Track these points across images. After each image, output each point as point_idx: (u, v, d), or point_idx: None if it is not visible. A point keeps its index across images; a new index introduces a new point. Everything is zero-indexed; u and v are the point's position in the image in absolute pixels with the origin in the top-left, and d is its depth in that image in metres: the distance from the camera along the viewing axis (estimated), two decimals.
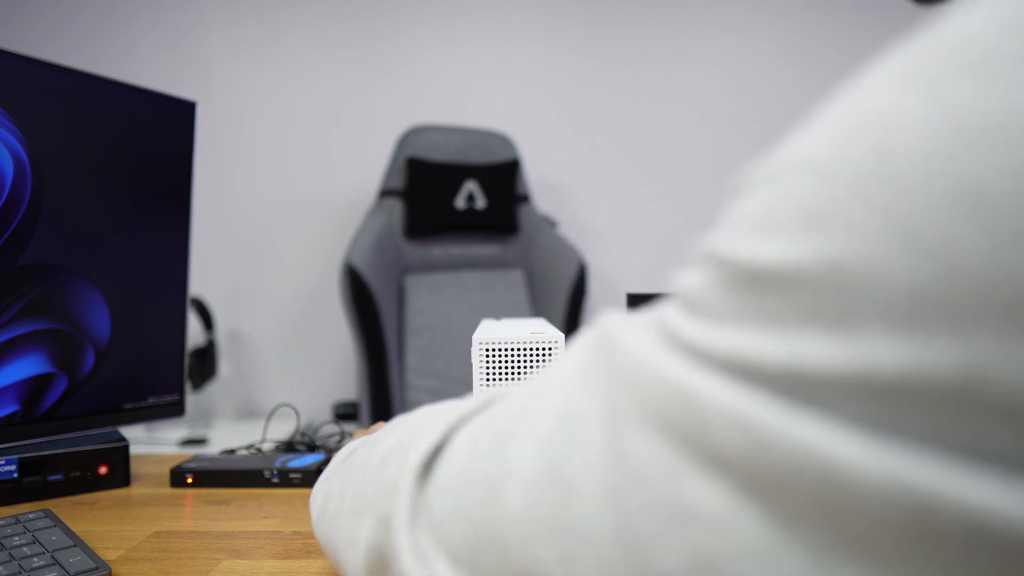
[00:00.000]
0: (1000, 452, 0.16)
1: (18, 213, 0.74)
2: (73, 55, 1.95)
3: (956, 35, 0.18)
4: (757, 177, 0.22)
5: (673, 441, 0.21)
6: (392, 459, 0.31)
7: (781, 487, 0.18)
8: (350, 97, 2.03)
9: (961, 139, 0.17)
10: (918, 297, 0.17)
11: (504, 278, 1.80)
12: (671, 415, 0.21)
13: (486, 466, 0.26)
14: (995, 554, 0.16)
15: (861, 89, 0.21)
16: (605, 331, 0.26)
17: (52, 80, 0.77)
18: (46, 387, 0.78)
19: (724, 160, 2.07)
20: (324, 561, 0.60)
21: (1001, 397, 0.16)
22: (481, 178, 1.75)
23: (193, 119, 0.92)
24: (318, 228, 2.03)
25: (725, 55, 2.06)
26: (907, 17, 2.06)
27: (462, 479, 0.27)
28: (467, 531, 0.26)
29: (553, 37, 2.05)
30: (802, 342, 0.18)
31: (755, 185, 0.22)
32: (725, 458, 0.19)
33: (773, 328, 0.19)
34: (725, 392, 0.20)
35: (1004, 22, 0.18)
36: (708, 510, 0.19)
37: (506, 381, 0.60)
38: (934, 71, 0.18)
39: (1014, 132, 0.16)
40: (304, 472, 0.82)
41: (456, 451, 0.28)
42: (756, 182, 0.22)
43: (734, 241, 0.21)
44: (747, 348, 0.20)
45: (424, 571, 0.27)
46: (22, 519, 0.60)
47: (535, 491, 0.24)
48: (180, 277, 0.92)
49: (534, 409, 0.26)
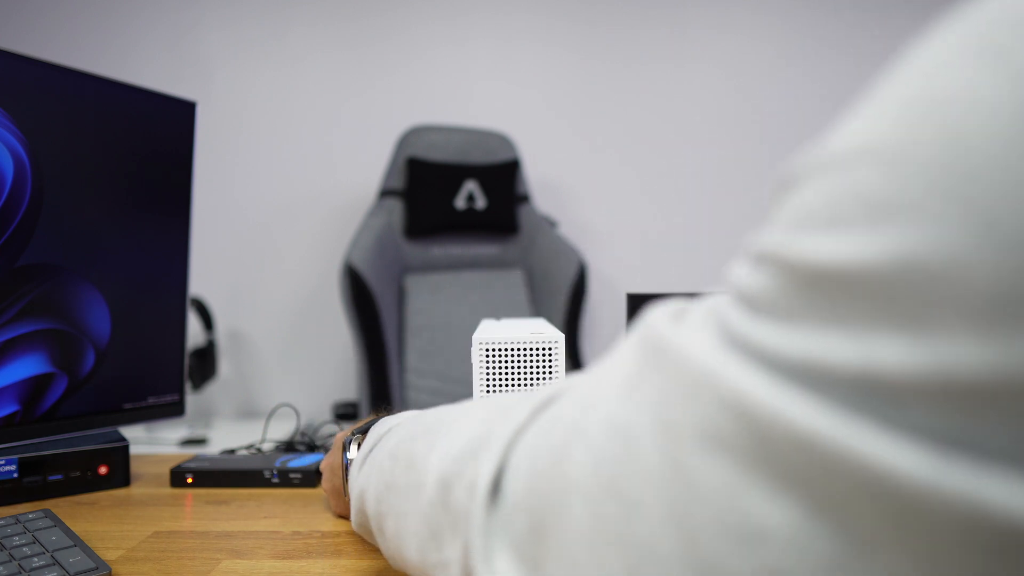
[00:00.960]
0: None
1: (18, 213, 0.74)
2: (73, 55, 1.95)
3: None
4: (808, 167, 0.21)
5: (736, 459, 0.20)
6: (455, 483, 0.32)
7: (854, 506, 0.17)
8: (350, 97, 2.03)
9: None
10: (1002, 294, 0.15)
11: (504, 278, 1.80)
12: (733, 432, 0.20)
13: (549, 484, 0.26)
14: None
15: (921, 66, 0.19)
16: (653, 332, 0.24)
17: (52, 80, 0.77)
18: (46, 387, 0.78)
19: (724, 160, 2.07)
20: (324, 561, 0.60)
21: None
22: (481, 178, 1.75)
23: (193, 119, 0.92)
24: (318, 228, 2.03)
25: (725, 55, 2.06)
26: (907, 17, 2.06)
27: (530, 497, 0.27)
28: (541, 548, 0.26)
29: (553, 37, 2.05)
30: (876, 345, 0.17)
31: (807, 176, 0.21)
32: (793, 476, 0.18)
33: (844, 330, 0.18)
34: (793, 406, 0.18)
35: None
36: (778, 529, 0.19)
37: (506, 381, 0.60)
38: (1004, 43, 0.17)
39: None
40: (304, 472, 0.82)
41: (518, 470, 0.28)
42: (808, 172, 0.21)
43: (793, 238, 0.20)
44: (818, 351, 0.18)
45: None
46: (22, 519, 0.60)
47: (598, 508, 0.23)
48: (180, 277, 0.92)
49: (585, 423, 0.25)
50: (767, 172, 2.07)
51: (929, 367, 0.16)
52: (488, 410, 0.34)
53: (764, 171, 2.07)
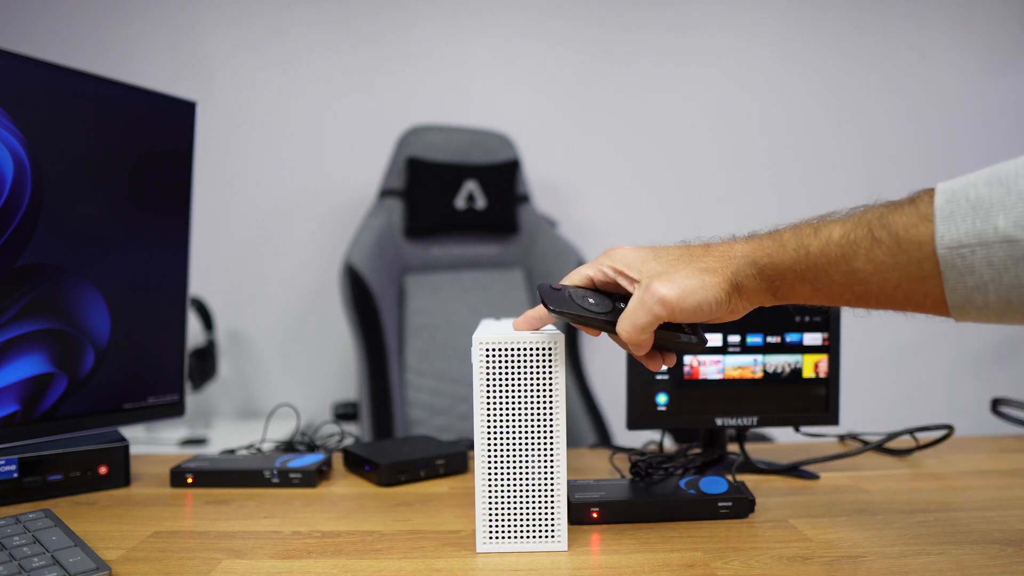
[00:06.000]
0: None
1: (18, 213, 0.74)
2: (73, 55, 1.94)
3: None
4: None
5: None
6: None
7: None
8: (350, 97, 2.03)
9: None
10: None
11: (504, 278, 1.80)
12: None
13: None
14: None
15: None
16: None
17: (52, 80, 0.77)
18: (46, 387, 0.78)
19: (724, 160, 2.07)
20: (324, 561, 0.60)
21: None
22: (481, 178, 1.75)
23: (193, 119, 0.92)
24: (318, 228, 2.03)
25: (725, 54, 2.06)
26: (907, 17, 2.06)
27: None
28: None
29: (553, 37, 2.05)
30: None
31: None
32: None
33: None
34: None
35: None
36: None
37: (506, 381, 0.60)
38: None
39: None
40: (304, 472, 0.82)
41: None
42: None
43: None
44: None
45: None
46: (22, 519, 0.61)
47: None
48: (180, 277, 0.92)
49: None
50: (767, 171, 2.07)
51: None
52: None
53: (764, 170, 2.07)
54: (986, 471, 0.87)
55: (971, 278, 0.46)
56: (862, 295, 0.52)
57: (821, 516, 0.71)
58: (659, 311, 0.56)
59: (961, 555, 0.61)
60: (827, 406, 0.88)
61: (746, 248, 0.57)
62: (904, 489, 0.80)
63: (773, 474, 0.87)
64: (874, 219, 0.50)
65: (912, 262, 0.48)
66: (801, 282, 0.54)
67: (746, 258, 0.56)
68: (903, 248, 0.48)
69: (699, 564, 0.59)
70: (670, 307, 0.56)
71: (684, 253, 0.59)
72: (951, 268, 0.46)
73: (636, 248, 0.61)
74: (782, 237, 0.55)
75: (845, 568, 0.58)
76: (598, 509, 0.68)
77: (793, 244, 0.54)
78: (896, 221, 0.48)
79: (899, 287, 0.49)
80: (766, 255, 0.55)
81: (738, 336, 0.87)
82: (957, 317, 0.48)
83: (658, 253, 0.59)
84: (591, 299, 0.60)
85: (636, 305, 0.57)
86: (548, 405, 0.60)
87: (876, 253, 0.49)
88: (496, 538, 0.61)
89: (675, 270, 0.57)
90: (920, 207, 0.48)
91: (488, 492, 0.61)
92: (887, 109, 2.08)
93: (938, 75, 2.08)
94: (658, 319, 0.56)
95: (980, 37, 2.08)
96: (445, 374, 1.65)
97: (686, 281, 0.56)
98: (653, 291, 0.56)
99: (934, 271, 0.47)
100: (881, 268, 0.49)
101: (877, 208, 0.51)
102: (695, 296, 0.56)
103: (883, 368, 2.09)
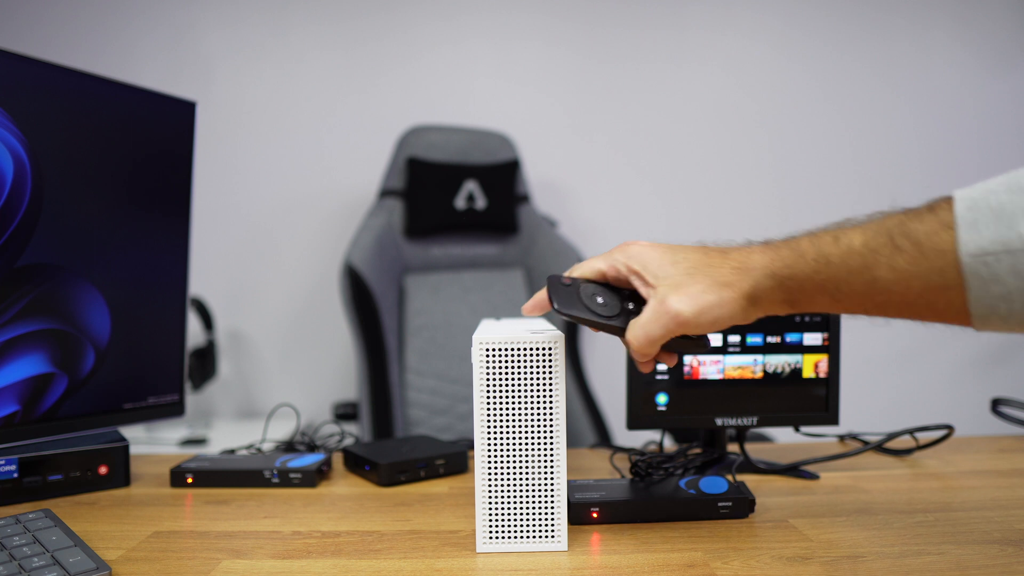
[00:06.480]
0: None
1: (18, 213, 0.74)
2: (73, 55, 1.95)
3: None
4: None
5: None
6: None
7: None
8: (350, 97, 2.03)
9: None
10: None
11: (504, 278, 1.80)
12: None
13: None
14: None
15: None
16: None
17: (52, 80, 0.77)
18: (46, 387, 0.78)
19: (724, 160, 2.07)
20: (324, 561, 0.60)
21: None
22: (481, 178, 1.75)
23: (193, 119, 0.92)
24: (318, 228, 2.03)
25: (725, 54, 2.06)
26: (907, 17, 2.06)
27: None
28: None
29: (553, 37, 2.05)
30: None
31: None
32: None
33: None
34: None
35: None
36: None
37: (506, 381, 0.60)
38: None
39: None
40: (304, 472, 0.82)
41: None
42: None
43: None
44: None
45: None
46: (22, 519, 0.61)
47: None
48: (180, 277, 0.92)
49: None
50: (767, 171, 2.07)
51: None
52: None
53: (764, 170, 2.07)
54: (986, 471, 0.87)
55: (996, 287, 0.45)
56: (882, 304, 0.51)
57: (821, 516, 0.71)
58: (674, 327, 0.55)
59: (961, 555, 0.61)
60: (827, 406, 0.88)
61: (764, 259, 0.56)
62: (904, 489, 0.80)
63: (773, 474, 0.87)
64: (894, 227, 0.49)
65: (934, 270, 0.47)
66: (820, 292, 0.53)
67: (764, 270, 0.55)
68: (925, 256, 0.47)
69: (699, 564, 0.59)
70: (686, 324, 0.55)
71: (702, 260, 0.57)
72: (975, 276, 0.46)
73: (652, 246, 0.59)
74: (800, 246, 0.54)
75: (845, 568, 0.58)
76: (598, 509, 0.68)
77: (813, 254, 0.53)
78: (917, 229, 0.48)
79: (921, 296, 0.49)
80: (785, 266, 0.54)
81: (738, 336, 0.87)
82: (978, 327, 0.48)
83: (675, 256, 0.58)
84: (600, 299, 0.60)
85: (651, 317, 0.56)
86: (548, 405, 0.60)
87: (898, 261, 0.49)
88: (496, 538, 0.62)
89: (692, 281, 0.56)
90: (940, 215, 0.47)
91: (488, 492, 0.61)
92: (887, 109, 2.08)
93: (939, 75, 2.08)
94: (671, 334, 0.56)
95: (981, 37, 2.08)
96: (445, 374, 1.65)
97: (703, 297, 0.55)
98: (669, 306, 0.55)
99: (956, 280, 0.46)
100: (903, 277, 0.49)
101: (896, 215, 0.50)
102: (712, 313, 0.55)
103: (883, 368, 2.09)
